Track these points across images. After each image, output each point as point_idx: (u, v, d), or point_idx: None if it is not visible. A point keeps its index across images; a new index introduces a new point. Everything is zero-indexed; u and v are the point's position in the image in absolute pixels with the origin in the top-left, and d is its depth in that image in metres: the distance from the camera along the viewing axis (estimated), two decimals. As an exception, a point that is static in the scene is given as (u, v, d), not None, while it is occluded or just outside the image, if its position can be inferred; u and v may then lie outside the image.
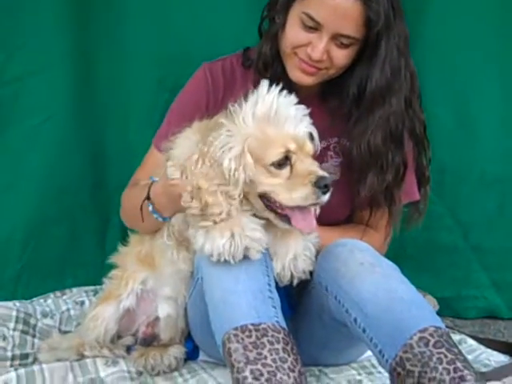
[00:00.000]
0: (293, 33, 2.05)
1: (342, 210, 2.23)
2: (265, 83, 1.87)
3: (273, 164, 1.82)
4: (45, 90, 2.67)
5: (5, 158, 2.70)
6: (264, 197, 1.87)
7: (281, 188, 1.83)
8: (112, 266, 2.24)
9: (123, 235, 2.31)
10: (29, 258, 2.75)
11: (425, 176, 2.24)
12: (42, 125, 2.70)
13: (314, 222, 1.89)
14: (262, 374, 1.65)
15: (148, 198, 2.02)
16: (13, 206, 2.71)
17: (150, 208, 2.01)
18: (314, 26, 2.01)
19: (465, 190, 2.84)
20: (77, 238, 2.83)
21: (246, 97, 1.87)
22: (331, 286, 1.91)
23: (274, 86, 1.87)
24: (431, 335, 1.72)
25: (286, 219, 1.87)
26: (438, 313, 2.63)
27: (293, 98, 1.88)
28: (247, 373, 1.66)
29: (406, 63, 2.08)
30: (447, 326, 2.57)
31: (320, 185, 1.81)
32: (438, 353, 1.69)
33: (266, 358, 1.68)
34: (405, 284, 1.85)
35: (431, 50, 2.72)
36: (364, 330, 1.82)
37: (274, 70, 2.14)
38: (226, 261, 1.78)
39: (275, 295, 1.83)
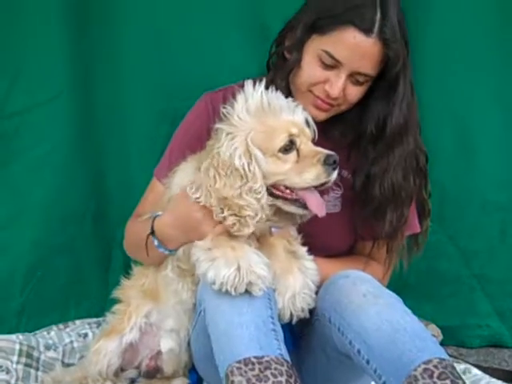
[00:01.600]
0: (310, 70, 2.05)
1: (342, 242, 2.24)
2: (249, 82, 1.92)
3: (280, 150, 1.87)
4: (46, 122, 2.70)
5: (8, 190, 2.72)
6: (274, 187, 1.90)
7: (292, 172, 1.88)
8: (115, 300, 2.23)
9: (126, 267, 2.32)
10: (32, 291, 2.76)
11: (425, 209, 2.25)
12: (44, 157, 2.73)
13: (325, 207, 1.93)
14: (265, 408, 1.65)
15: (152, 232, 2.03)
16: (16, 238, 2.73)
17: (156, 243, 2.02)
18: (333, 64, 2.01)
19: (466, 218, 2.84)
20: (80, 270, 2.84)
21: (234, 99, 1.91)
22: (334, 317, 1.91)
23: (257, 83, 1.91)
24: (435, 367, 1.71)
25: (300, 204, 1.90)
26: (442, 342, 2.67)
27: (279, 93, 1.93)
28: (251, 406, 1.65)
29: (414, 98, 2.10)
30: (451, 355, 2.59)
31: (329, 162, 1.86)
32: None
33: (269, 390, 1.67)
34: (408, 315, 1.84)
35: (431, 75, 2.73)
36: (368, 362, 1.81)
37: None
38: (226, 291, 1.78)
39: (278, 328, 1.83)
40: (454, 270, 2.87)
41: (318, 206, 1.91)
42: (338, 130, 2.18)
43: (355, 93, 2.07)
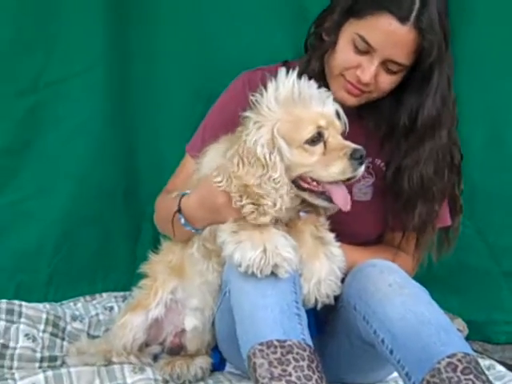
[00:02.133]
0: (343, 54, 2.04)
1: (371, 231, 2.23)
2: (282, 70, 1.90)
3: (307, 141, 1.85)
4: (81, 94, 2.70)
5: (40, 160, 2.73)
6: (301, 179, 1.89)
7: (318, 165, 1.86)
8: (142, 275, 2.25)
9: (154, 242, 2.33)
10: (60, 262, 2.78)
11: (457, 206, 2.22)
12: (78, 128, 2.73)
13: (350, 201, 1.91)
14: (286, 391, 1.65)
15: (179, 210, 2.03)
16: (46, 208, 2.74)
17: (182, 221, 2.03)
18: (366, 50, 1.99)
19: (496, 213, 2.80)
20: (108, 244, 2.86)
21: (265, 87, 1.89)
22: (359, 305, 1.91)
23: (290, 70, 1.89)
24: (459, 361, 1.70)
25: (325, 197, 1.89)
26: (468, 337, 2.65)
27: (312, 82, 1.91)
28: (271, 389, 1.66)
29: (451, 92, 2.07)
30: (476, 351, 2.57)
31: (356, 156, 1.83)
32: (466, 379, 1.67)
33: (290, 374, 1.68)
34: (433, 307, 1.84)
35: (463, 69, 2.63)
36: (391, 352, 1.81)
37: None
38: (253, 273, 1.79)
39: (302, 312, 1.83)
40: (482, 265, 2.83)
41: (343, 201, 1.89)
42: (373, 121, 2.16)
43: (387, 81, 2.04)
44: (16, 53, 2.64)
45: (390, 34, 1.96)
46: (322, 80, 2.10)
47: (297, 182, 1.90)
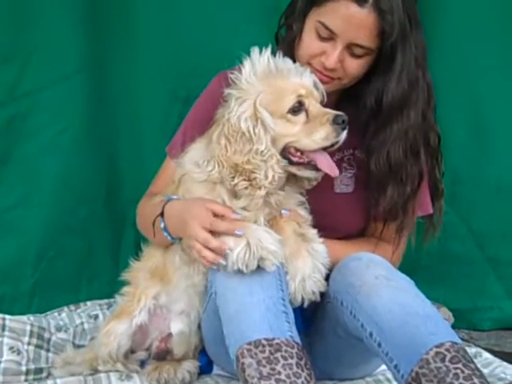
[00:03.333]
0: (308, 42, 2.04)
1: (354, 223, 2.22)
2: (255, 49, 1.92)
3: (289, 111, 1.88)
4: (58, 103, 2.69)
5: (20, 170, 2.72)
6: (286, 151, 1.90)
7: (301, 134, 1.88)
8: (125, 282, 2.23)
9: (137, 248, 2.31)
10: (43, 272, 2.76)
11: (439, 189, 2.22)
12: (57, 137, 2.72)
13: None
14: (275, 390, 1.64)
15: (162, 214, 2.02)
16: (28, 218, 2.72)
17: (162, 225, 2.02)
18: (329, 36, 2.00)
19: (479, 199, 2.82)
20: (91, 251, 2.84)
21: (240, 69, 1.91)
22: (346, 300, 1.90)
23: (264, 49, 1.91)
24: (448, 350, 1.70)
25: (312, 167, 1.91)
26: (453, 325, 2.65)
27: (287, 58, 1.94)
28: (261, 388, 1.65)
29: (424, 75, 2.06)
30: (463, 339, 2.57)
31: (338, 121, 1.86)
32: (455, 368, 1.67)
33: (279, 373, 1.67)
34: (420, 298, 1.83)
35: (446, 60, 2.71)
36: (379, 345, 1.80)
37: None
38: (239, 270, 1.78)
39: (289, 310, 1.82)
40: (467, 253, 2.85)
41: (329, 166, 1.91)
42: (352, 111, 2.15)
43: (354, 66, 2.04)
44: (-8, 64, 2.63)
45: (350, 18, 1.96)
46: None
47: (286, 156, 1.91)
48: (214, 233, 1.86)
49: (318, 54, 2.03)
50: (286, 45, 2.11)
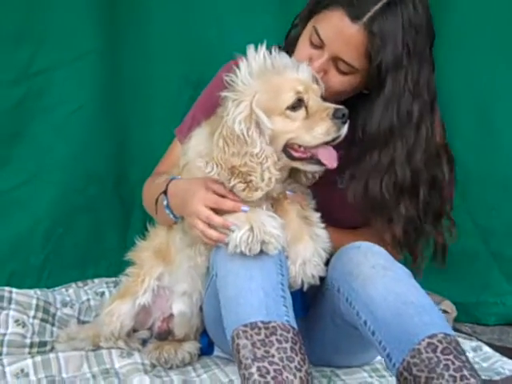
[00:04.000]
0: (300, 46, 2.04)
1: (358, 218, 2.15)
2: (251, 47, 1.90)
3: (288, 108, 1.86)
4: (71, 82, 2.73)
5: (32, 147, 2.76)
6: (288, 147, 1.89)
7: (302, 130, 1.87)
8: (130, 262, 2.26)
9: (145, 229, 2.33)
10: (53, 247, 2.81)
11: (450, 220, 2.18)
12: (69, 116, 2.75)
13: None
14: (268, 372, 1.66)
15: (165, 192, 2.04)
16: (38, 196, 2.77)
17: (165, 202, 2.04)
18: (318, 44, 1.97)
19: (486, 196, 2.81)
20: (100, 230, 2.88)
21: (237, 67, 1.90)
22: (343, 287, 1.91)
23: (259, 46, 1.89)
24: (440, 341, 1.70)
25: (315, 161, 1.89)
26: (457, 319, 2.65)
27: (283, 53, 1.92)
28: (254, 369, 1.67)
29: (423, 109, 1.97)
30: (465, 333, 2.58)
31: (338, 115, 1.84)
32: (446, 359, 1.68)
33: (273, 356, 1.69)
34: (416, 289, 1.84)
35: (454, 55, 2.70)
36: (373, 333, 1.81)
37: None
38: (241, 253, 1.79)
39: (287, 294, 1.84)
40: (472, 247, 2.84)
41: (329, 158, 1.89)
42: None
43: (337, 80, 1.99)
44: (5, 43, 2.66)
45: (340, 31, 1.93)
46: None
47: (288, 153, 1.90)
48: (216, 211, 1.87)
49: (305, 60, 1.99)
50: (290, 44, 2.11)
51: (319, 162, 1.89)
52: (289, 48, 2.09)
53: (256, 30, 2.65)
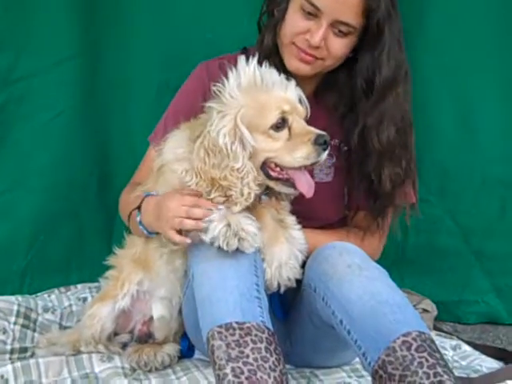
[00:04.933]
0: (293, 20, 2.05)
1: (332, 212, 2.23)
2: (242, 58, 1.90)
3: (272, 127, 1.86)
4: (52, 89, 2.72)
5: (13, 154, 2.76)
6: (265, 165, 1.90)
7: (283, 151, 1.87)
8: (110, 267, 2.26)
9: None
10: (35, 254, 2.80)
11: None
12: (50, 122, 2.75)
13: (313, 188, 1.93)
14: (242, 372, 1.67)
15: (139, 208, 2.05)
16: (21, 202, 2.76)
17: (138, 219, 2.05)
18: (314, 13, 2.00)
19: (466, 193, 2.82)
20: (83, 235, 2.88)
21: (226, 76, 1.90)
22: (319, 287, 1.92)
23: (251, 58, 1.89)
24: (414, 339, 1.72)
25: (290, 184, 1.90)
26: (438, 317, 2.67)
27: (273, 69, 1.92)
28: (228, 370, 1.68)
29: (405, 58, 2.09)
30: (446, 332, 2.59)
31: (320, 142, 1.85)
32: (420, 357, 1.69)
33: (247, 356, 1.69)
34: (391, 288, 1.85)
35: (433, 54, 2.71)
36: (349, 332, 1.82)
37: (272, 63, 2.08)
38: (219, 248, 1.80)
39: (263, 295, 1.84)
40: (453, 246, 2.85)
41: (307, 187, 1.90)
42: (331, 100, 2.17)
43: (338, 45, 2.05)
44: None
45: None
46: (275, 55, 2.11)
47: (266, 171, 1.91)
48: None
49: (303, 32, 2.04)
50: (269, 31, 2.12)
51: (293, 185, 1.90)
52: (266, 33, 2.12)
53: (237, 33, 2.64)
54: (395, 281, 1.90)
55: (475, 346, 2.43)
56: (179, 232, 1.90)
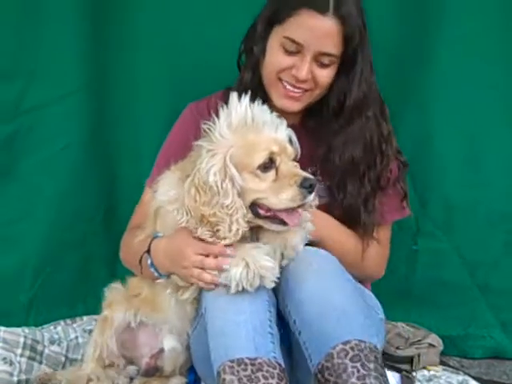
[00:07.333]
0: (276, 59, 2.11)
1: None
2: (234, 95, 1.92)
3: (259, 167, 1.87)
4: (59, 120, 2.74)
5: (21, 185, 2.77)
6: (254, 205, 1.91)
7: (269, 191, 1.88)
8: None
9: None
10: (41, 286, 2.80)
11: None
12: (58, 154, 2.77)
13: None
14: (253, 406, 1.67)
15: (148, 251, 2.06)
16: (27, 234, 2.77)
17: (149, 261, 2.05)
18: (296, 49, 2.07)
19: (472, 228, 2.82)
20: (89, 267, 2.88)
21: (217, 114, 1.92)
22: (281, 286, 1.93)
23: (243, 96, 1.91)
24: (352, 348, 1.74)
25: (279, 221, 1.90)
26: (444, 352, 2.66)
27: (265, 107, 1.94)
28: (239, 404, 1.68)
29: (375, 80, 2.18)
30: (453, 367, 2.58)
31: (305, 185, 1.86)
32: (353, 367, 1.72)
33: (258, 392, 1.70)
34: (347, 296, 1.86)
35: (439, 89, 2.74)
36: (300, 333, 1.86)
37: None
38: (243, 289, 1.82)
39: (275, 331, 1.86)
40: (459, 280, 2.85)
41: (296, 221, 1.91)
42: (317, 122, 2.23)
43: (325, 75, 2.12)
44: (-6, 80, 2.69)
45: (314, 28, 2.04)
46: (260, 91, 2.14)
47: (254, 210, 1.91)
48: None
49: (288, 68, 2.10)
50: (249, 69, 2.18)
51: (283, 222, 1.90)
52: (245, 72, 2.19)
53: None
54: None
55: (483, 382, 2.42)
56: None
